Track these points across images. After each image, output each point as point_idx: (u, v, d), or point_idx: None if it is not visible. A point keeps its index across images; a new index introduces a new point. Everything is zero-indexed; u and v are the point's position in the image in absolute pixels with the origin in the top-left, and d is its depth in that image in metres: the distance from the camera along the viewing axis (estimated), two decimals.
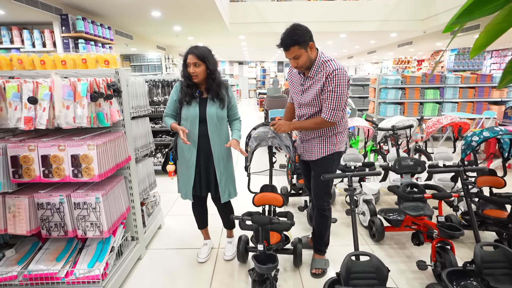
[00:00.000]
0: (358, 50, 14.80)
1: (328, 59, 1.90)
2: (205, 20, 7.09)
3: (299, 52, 1.84)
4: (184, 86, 2.11)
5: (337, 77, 1.83)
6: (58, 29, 5.12)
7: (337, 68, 1.84)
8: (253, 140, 2.18)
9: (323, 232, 2.21)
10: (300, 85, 2.07)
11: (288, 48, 1.85)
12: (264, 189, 2.18)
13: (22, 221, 1.87)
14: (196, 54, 2.03)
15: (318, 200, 2.13)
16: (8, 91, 1.79)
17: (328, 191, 2.13)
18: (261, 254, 1.70)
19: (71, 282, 1.89)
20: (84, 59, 2.10)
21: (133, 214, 2.34)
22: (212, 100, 2.12)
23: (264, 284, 1.68)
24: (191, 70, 2.04)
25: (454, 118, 3.03)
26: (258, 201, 2.14)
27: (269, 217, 1.75)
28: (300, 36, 1.82)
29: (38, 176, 1.83)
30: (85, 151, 1.80)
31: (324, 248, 2.27)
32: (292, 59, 1.89)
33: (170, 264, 2.37)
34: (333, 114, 1.90)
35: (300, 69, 1.96)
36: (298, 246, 2.23)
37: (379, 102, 6.59)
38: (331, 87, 1.85)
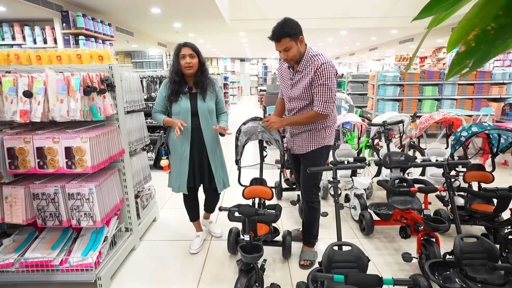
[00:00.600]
0: (359, 47, 14.74)
1: (316, 53, 1.96)
2: (204, 17, 7.12)
3: (289, 44, 1.89)
4: (172, 83, 2.18)
5: (326, 70, 1.89)
6: (58, 25, 5.18)
7: (325, 62, 1.90)
8: (243, 135, 2.23)
9: (311, 224, 2.26)
10: (289, 79, 2.11)
11: (280, 39, 1.89)
12: (254, 182, 2.22)
13: (18, 211, 1.94)
14: (191, 46, 2.18)
15: (307, 192, 2.18)
16: (4, 85, 1.85)
17: (316, 183, 2.18)
18: (247, 244, 1.74)
19: (66, 269, 1.96)
20: (78, 54, 2.15)
21: (127, 206, 2.40)
22: (201, 95, 2.23)
23: (250, 273, 1.72)
24: (187, 61, 2.14)
25: (446, 114, 3.06)
26: (248, 194, 2.19)
27: (255, 209, 1.79)
28: (291, 28, 1.88)
29: (33, 167, 1.90)
30: (79, 143, 1.86)
31: (313, 240, 2.31)
32: (282, 51, 1.94)
33: (163, 255, 2.44)
34: (325, 106, 1.95)
35: (289, 62, 2.00)
36: (287, 238, 2.28)
37: (377, 99, 6.61)
38: (321, 81, 1.90)
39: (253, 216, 1.77)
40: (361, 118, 3.94)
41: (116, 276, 2.17)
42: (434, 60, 15.17)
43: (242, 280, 1.65)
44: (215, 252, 2.46)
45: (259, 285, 1.77)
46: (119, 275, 2.19)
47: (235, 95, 15.19)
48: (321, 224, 2.82)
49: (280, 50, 1.95)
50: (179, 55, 2.16)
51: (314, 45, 14.30)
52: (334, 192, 1.85)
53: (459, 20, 0.82)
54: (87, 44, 5.42)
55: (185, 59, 2.15)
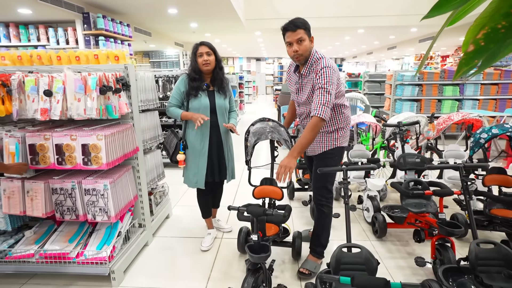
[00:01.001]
0: (377, 46, 14.44)
1: (320, 56, 1.93)
2: (220, 17, 7.18)
3: (304, 37, 1.88)
4: (192, 80, 2.27)
5: (325, 74, 1.84)
6: (80, 27, 5.37)
7: (325, 66, 1.86)
8: (251, 136, 2.24)
9: (319, 230, 2.18)
10: (295, 83, 2.09)
11: (296, 28, 1.86)
12: (264, 182, 2.22)
13: (38, 204, 2.03)
14: (207, 45, 2.28)
15: (316, 194, 2.14)
16: (27, 84, 1.94)
17: (327, 186, 2.10)
18: (255, 244, 1.74)
19: (81, 262, 2.03)
20: (96, 55, 2.23)
21: (141, 202, 2.46)
22: (218, 93, 2.35)
23: (258, 273, 1.72)
24: (204, 58, 2.24)
25: (465, 115, 2.95)
26: (258, 194, 2.18)
27: (264, 209, 1.78)
28: (307, 23, 1.90)
29: (52, 163, 1.98)
30: (94, 141, 1.92)
31: (319, 249, 2.19)
32: (295, 43, 1.89)
33: (175, 251, 2.49)
34: (323, 110, 1.80)
35: (298, 58, 1.93)
36: (296, 239, 2.27)
37: (394, 99, 6.46)
38: (320, 84, 1.85)
39: (261, 216, 1.77)
40: (376, 119, 3.87)
41: (129, 270, 2.23)
42: (456, 58, 14.63)
43: (249, 279, 1.65)
44: (225, 250, 2.49)
45: (267, 285, 1.76)
46: (132, 269, 2.25)
47: (250, 94, 15.22)
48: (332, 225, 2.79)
49: (292, 42, 1.89)
50: (197, 54, 2.25)
51: (330, 44, 14.19)
52: (344, 193, 1.83)
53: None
54: (106, 44, 5.59)
55: (202, 57, 2.25)
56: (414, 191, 2.16)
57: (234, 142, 2.59)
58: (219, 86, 2.36)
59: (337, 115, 2.06)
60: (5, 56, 2.22)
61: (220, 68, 2.36)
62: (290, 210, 2.05)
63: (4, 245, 2.14)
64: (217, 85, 2.35)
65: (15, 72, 1.99)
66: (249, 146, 2.27)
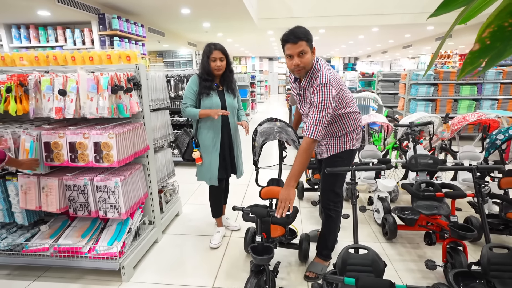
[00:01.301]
0: (392, 45, 14.16)
1: (320, 68, 1.80)
2: (232, 17, 7.21)
3: (306, 49, 1.75)
4: (203, 80, 2.34)
5: (321, 92, 1.71)
6: (96, 27, 5.50)
7: (322, 83, 1.72)
8: (259, 136, 2.24)
9: (326, 234, 2.15)
10: (297, 94, 2.01)
11: (298, 40, 1.72)
12: (271, 183, 2.21)
13: (53, 200, 2.10)
14: (221, 49, 2.32)
15: (324, 198, 2.10)
16: (42, 84, 2.01)
17: (335, 190, 2.05)
18: (258, 245, 1.71)
19: (93, 257, 2.09)
20: (108, 55, 2.28)
21: (151, 200, 2.51)
22: (227, 92, 2.44)
23: (261, 275, 1.70)
24: (218, 64, 2.30)
25: (482, 115, 2.86)
26: (265, 195, 2.17)
27: (268, 210, 1.74)
28: (309, 34, 1.77)
29: (66, 160, 2.04)
30: (106, 139, 1.97)
31: (325, 252, 2.17)
32: (296, 56, 1.76)
33: (184, 249, 2.52)
34: (315, 130, 1.71)
35: (299, 72, 1.83)
36: (304, 241, 2.24)
37: (409, 99, 6.32)
38: (315, 103, 1.74)
39: (265, 217, 1.74)
40: (389, 119, 3.80)
41: (139, 266, 2.28)
42: None
43: (252, 280, 1.63)
44: (233, 249, 2.50)
45: (270, 287, 1.75)
46: (141, 265, 2.29)
47: (263, 94, 15.22)
48: (342, 226, 2.77)
49: (293, 55, 1.77)
50: (210, 58, 2.29)
51: (344, 43, 14.02)
52: (352, 194, 1.81)
53: None
54: (121, 44, 5.71)
55: (215, 62, 2.30)
56: (424, 192, 2.11)
57: (242, 141, 2.63)
58: (228, 86, 2.44)
59: (344, 120, 1.95)
60: (23, 56, 2.31)
61: (230, 71, 2.43)
62: (297, 212, 1.96)
63: (21, 238, 2.22)
64: (226, 85, 2.43)
65: (32, 72, 2.06)
66: (257, 146, 2.27)
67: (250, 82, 9.10)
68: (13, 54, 2.33)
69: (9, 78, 2.00)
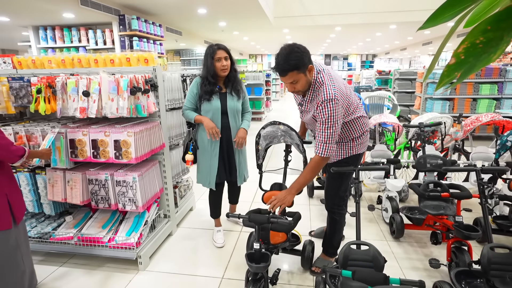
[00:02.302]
0: (411, 42, 13.83)
1: (323, 82, 1.73)
2: (248, 16, 7.29)
3: (297, 77, 1.67)
4: (207, 84, 2.27)
5: (326, 108, 1.67)
6: (116, 28, 5.74)
7: (326, 100, 1.67)
8: (262, 139, 2.19)
9: (331, 235, 2.20)
10: (299, 104, 1.98)
11: (286, 73, 1.65)
12: (274, 187, 2.17)
13: (77, 193, 2.27)
14: (225, 49, 2.26)
15: (329, 201, 2.14)
16: (68, 86, 2.18)
17: (339, 194, 2.08)
18: (255, 252, 1.66)
19: (112, 246, 2.26)
20: (128, 58, 2.43)
21: (166, 194, 2.65)
22: (230, 94, 2.36)
23: (259, 283, 1.65)
24: (223, 63, 2.24)
25: (495, 116, 2.83)
26: (267, 199, 2.07)
27: (267, 216, 1.67)
28: (299, 59, 1.63)
29: (89, 156, 2.21)
30: (125, 137, 2.12)
31: (331, 250, 2.23)
32: (289, 84, 1.72)
33: (197, 242, 2.66)
34: (325, 148, 1.72)
35: (297, 93, 1.84)
36: (307, 248, 2.15)
37: (425, 98, 6.22)
38: (321, 119, 1.71)
39: (263, 224, 1.69)
40: (401, 119, 3.79)
41: (154, 256, 2.43)
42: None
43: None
44: (243, 243, 2.61)
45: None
46: (157, 256, 2.44)
47: (278, 91, 15.25)
48: (347, 223, 2.82)
49: (286, 83, 1.74)
50: (214, 58, 2.23)
51: (361, 40, 13.83)
52: (356, 192, 1.87)
53: None
54: (140, 44, 5.93)
55: (221, 62, 2.24)
56: (430, 192, 2.14)
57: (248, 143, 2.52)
58: (232, 88, 2.36)
59: (351, 126, 1.91)
60: (51, 60, 2.49)
61: (235, 71, 2.35)
62: (299, 218, 1.92)
63: (49, 227, 2.42)
64: (231, 86, 2.36)
65: (59, 75, 2.24)
66: (261, 149, 2.22)
67: (265, 80, 9.17)
68: (42, 58, 2.52)
69: (39, 80, 2.18)
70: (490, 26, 0.66)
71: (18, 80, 2.23)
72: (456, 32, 8.37)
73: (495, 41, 0.65)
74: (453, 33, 0.92)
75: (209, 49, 2.26)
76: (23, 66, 2.55)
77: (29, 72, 2.39)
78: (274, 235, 1.99)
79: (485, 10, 0.84)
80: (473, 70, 0.67)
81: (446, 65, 0.72)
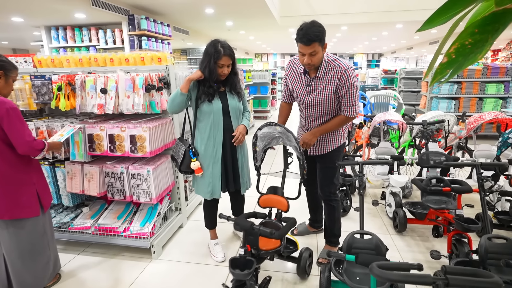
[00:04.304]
0: (418, 41, 13.78)
1: (334, 58, 1.96)
2: (255, 15, 7.39)
3: (317, 49, 1.82)
4: (206, 87, 2.06)
5: (350, 76, 1.91)
6: (125, 28, 5.88)
7: (348, 68, 1.91)
8: (259, 140, 2.15)
9: (331, 224, 2.29)
10: (306, 85, 2.05)
11: (310, 42, 1.78)
12: (269, 191, 2.11)
13: (94, 185, 2.40)
14: (231, 55, 2.03)
15: (325, 191, 2.22)
16: (87, 83, 2.30)
17: (334, 182, 2.20)
18: (240, 258, 1.63)
19: (128, 236, 2.38)
20: (142, 57, 2.54)
21: (177, 188, 2.77)
22: (230, 93, 2.16)
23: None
24: (224, 71, 2.04)
25: (498, 114, 2.89)
26: (263, 203, 2.09)
27: (251, 223, 1.65)
28: (322, 33, 1.80)
29: (106, 150, 2.33)
30: (140, 132, 2.24)
31: (334, 239, 2.32)
32: (307, 55, 1.84)
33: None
34: (354, 109, 1.99)
35: (310, 68, 1.94)
36: (303, 256, 2.05)
37: (431, 97, 6.25)
38: (347, 86, 1.92)
39: (248, 231, 1.67)
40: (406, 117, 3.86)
41: (166, 246, 2.55)
42: (508, 53, 13.51)
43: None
44: None
45: None
46: (168, 246, 2.56)
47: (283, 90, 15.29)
48: (351, 217, 2.92)
49: (304, 53, 1.84)
50: (218, 63, 2.00)
51: (367, 39, 13.81)
52: (359, 185, 1.96)
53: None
54: (148, 44, 6.06)
55: (222, 69, 2.03)
56: (432, 187, 2.22)
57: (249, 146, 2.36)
58: (231, 87, 2.15)
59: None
60: (69, 59, 2.62)
61: (235, 74, 2.15)
62: (293, 224, 1.84)
63: (67, 218, 2.56)
64: (230, 86, 2.15)
65: (78, 73, 2.36)
66: (258, 151, 2.17)
67: (271, 79, 9.26)
68: (61, 57, 2.65)
69: (60, 78, 2.31)
70: (477, 29, 0.75)
71: (40, 78, 2.36)
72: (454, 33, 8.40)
73: (481, 42, 0.74)
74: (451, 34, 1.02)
75: (213, 48, 2.00)
76: (42, 65, 2.68)
77: (49, 70, 2.52)
78: (267, 241, 1.85)
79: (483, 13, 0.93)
80: (461, 68, 0.77)
81: (439, 64, 0.82)
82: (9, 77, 1.81)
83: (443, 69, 0.81)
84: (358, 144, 3.95)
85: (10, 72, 1.81)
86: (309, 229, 2.65)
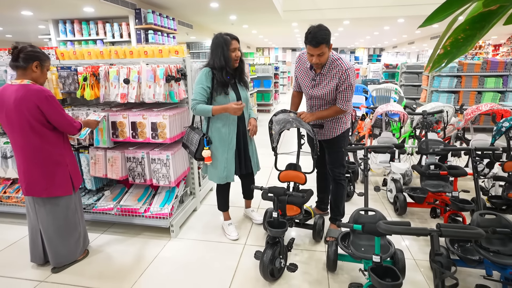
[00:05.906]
0: (419, 35, 13.88)
1: (338, 57, 2.16)
2: (258, 10, 7.50)
3: (324, 50, 2.02)
4: (224, 76, 2.20)
5: (350, 76, 2.12)
6: (132, 22, 6.00)
7: (349, 68, 2.12)
8: (275, 124, 2.33)
9: (338, 202, 2.49)
10: (311, 79, 2.29)
11: (318, 45, 1.99)
12: (289, 167, 2.41)
13: (117, 169, 2.58)
14: (237, 39, 2.24)
15: (335, 172, 2.43)
16: (110, 74, 2.46)
17: (343, 163, 2.44)
18: (274, 220, 1.95)
19: (148, 216, 2.57)
20: (160, 50, 2.70)
21: (192, 173, 2.95)
22: (240, 84, 2.37)
23: (276, 246, 1.95)
24: (238, 54, 2.23)
25: (494, 106, 3.06)
26: (283, 178, 2.38)
27: (284, 189, 1.95)
28: (328, 35, 2.01)
29: (128, 137, 2.51)
30: (161, 119, 2.41)
31: (339, 218, 2.52)
32: (316, 56, 2.05)
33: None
34: (348, 104, 2.22)
35: (317, 66, 2.16)
36: (318, 222, 2.42)
37: (431, 91, 6.41)
38: (345, 85, 2.14)
39: (281, 196, 1.98)
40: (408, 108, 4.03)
41: (183, 227, 2.74)
42: (509, 48, 13.61)
43: (268, 251, 1.91)
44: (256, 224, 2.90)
45: (283, 257, 2.02)
46: (185, 227, 2.75)
47: (285, 85, 15.45)
48: (355, 202, 3.12)
49: (313, 54, 2.05)
50: (230, 48, 2.16)
51: (368, 34, 13.91)
52: (364, 167, 2.15)
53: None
54: (154, 37, 6.19)
55: (235, 52, 2.21)
56: (429, 171, 2.41)
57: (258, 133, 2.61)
58: (240, 78, 2.35)
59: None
60: (91, 52, 2.78)
61: (242, 61, 2.33)
62: (311, 194, 2.28)
63: (90, 200, 2.74)
64: (238, 76, 2.34)
65: (101, 65, 2.53)
66: (274, 133, 2.35)
67: (274, 73, 9.39)
68: (82, 49, 2.81)
69: (85, 69, 2.48)
70: (468, 26, 0.92)
71: (66, 69, 2.53)
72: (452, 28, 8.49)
73: (471, 37, 0.92)
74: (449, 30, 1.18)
75: (221, 38, 2.16)
76: (65, 57, 2.84)
77: (73, 62, 2.68)
78: (289, 208, 2.26)
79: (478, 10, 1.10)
80: (454, 58, 0.94)
81: (437, 55, 0.99)
82: (44, 67, 1.98)
83: (440, 59, 0.98)
84: (360, 135, 4.13)
85: (45, 62, 1.98)
86: (316, 211, 2.84)
